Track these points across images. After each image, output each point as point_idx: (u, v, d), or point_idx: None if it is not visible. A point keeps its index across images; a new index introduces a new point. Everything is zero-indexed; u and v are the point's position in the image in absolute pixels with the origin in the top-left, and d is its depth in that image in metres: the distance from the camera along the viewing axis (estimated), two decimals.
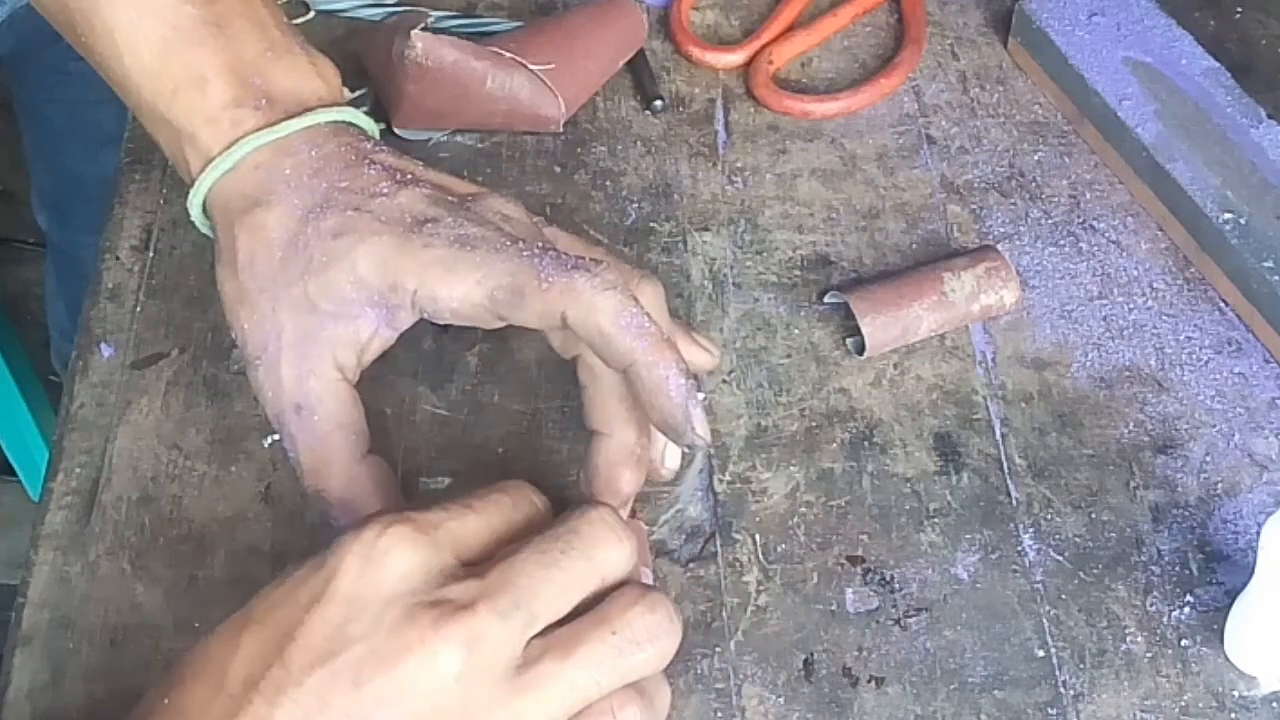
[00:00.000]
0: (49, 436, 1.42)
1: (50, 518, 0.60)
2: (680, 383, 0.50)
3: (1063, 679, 0.57)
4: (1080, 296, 0.69)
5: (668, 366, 0.50)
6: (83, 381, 0.65)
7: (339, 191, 0.54)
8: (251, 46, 0.57)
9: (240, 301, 0.55)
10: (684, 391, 0.50)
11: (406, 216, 0.53)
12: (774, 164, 0.74)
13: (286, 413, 0.55)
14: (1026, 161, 0.74)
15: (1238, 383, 0.66)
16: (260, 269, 0.54)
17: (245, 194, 0.55)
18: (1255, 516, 0.61)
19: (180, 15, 0.56)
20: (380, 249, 0.53)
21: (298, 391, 0.55)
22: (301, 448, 0.56)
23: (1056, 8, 0.76)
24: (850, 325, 0.66)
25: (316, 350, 0.55)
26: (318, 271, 0.53)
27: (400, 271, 0.52)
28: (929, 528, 0.61)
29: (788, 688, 0.56)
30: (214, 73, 0.56)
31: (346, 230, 0.53)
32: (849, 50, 0.80)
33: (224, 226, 0.56)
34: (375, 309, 0.54)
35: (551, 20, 0.77)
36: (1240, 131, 0.70)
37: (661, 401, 0.50)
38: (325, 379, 0.55)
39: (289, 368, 0.55)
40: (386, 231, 0.53)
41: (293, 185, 0.55)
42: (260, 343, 0.55)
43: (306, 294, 0.54)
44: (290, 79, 0.57)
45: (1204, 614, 0.59)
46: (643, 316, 0.50)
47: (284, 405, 0.55)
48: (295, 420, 0.55)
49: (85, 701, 0.55)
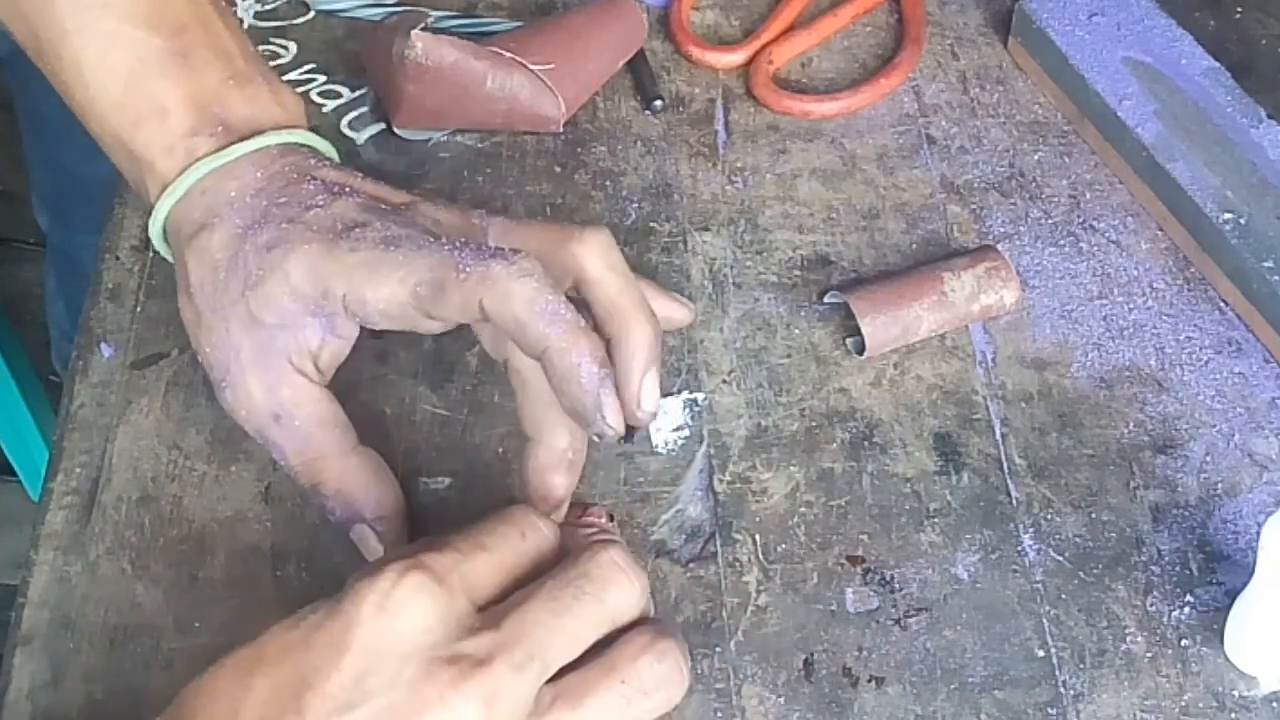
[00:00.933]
0: (49, 436, 1.42)
1: (50, 518, 0.60)
2: (592, 370, 0.50)
3: (1063, 679, 0.57)
4: (1080, 296, 0.69)
5: (580, 354, 0.50)
6: (83, 381, 0.65)
7: (276, 207, 0.55)
8: (214, 76, 0.58)
9: (198, 326, 0.56)
10: (595, 380, 0.50)
11: (337, 224, 0.54)
12: (774, 164, 0.74)
13: (266, 425, 0.56)
14: (1026, 161, 0.74)
15: (1238, 383, 0.66)
16: (208, 291, 0.55)
17: (193, 219, 0.56)
18: (1255, 516, 0.61)
19: (147, 48, 0.57)
20: (309, 256, 0.53)
21: (272, 402, 0.56)
22: (290, 453, 0.56)
23: (1056, 8, 0.76)
24: (850, 325, 0.66)
25: (276, 361, 0.55)
26: (255, 285, 0.54)
27: (329, 277, 0.53)
28: (929, 528, 0.61)
29: (788, 688, 0.56)
30: (175, 103, 0.57)
31: (279, 242, 0.54)
32: (849, 50, 0.80)
33: (177, 253, 0.57)
34: (315, 318, 0.55)
35: (551, 20, 0.78)
36: (1240, 131, 0.70)
37: (573, 389, 0.50)
38: (295, 385, 0.56)
39: (256, 382, 0.55)
40: (316, 239, 0.53)
41: (235, 206, 0.56)
42: (223, 364, 0.56)
43: (249, 309, 0.54)
44: (249, 107, 0.58)
45: (1204, 614, 0.59)
46: (558, 304, 0.50)
47: (262, 419, 0.56)
48: (277, 429, 0.56)
49: (85, 701, 0.55)
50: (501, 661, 0.44)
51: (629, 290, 0.53)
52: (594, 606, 0.47)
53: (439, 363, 0.66)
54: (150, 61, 0.57)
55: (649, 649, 0.48)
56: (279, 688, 0.44)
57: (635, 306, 0.53)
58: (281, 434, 0.56)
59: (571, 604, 0.47)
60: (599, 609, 0.47)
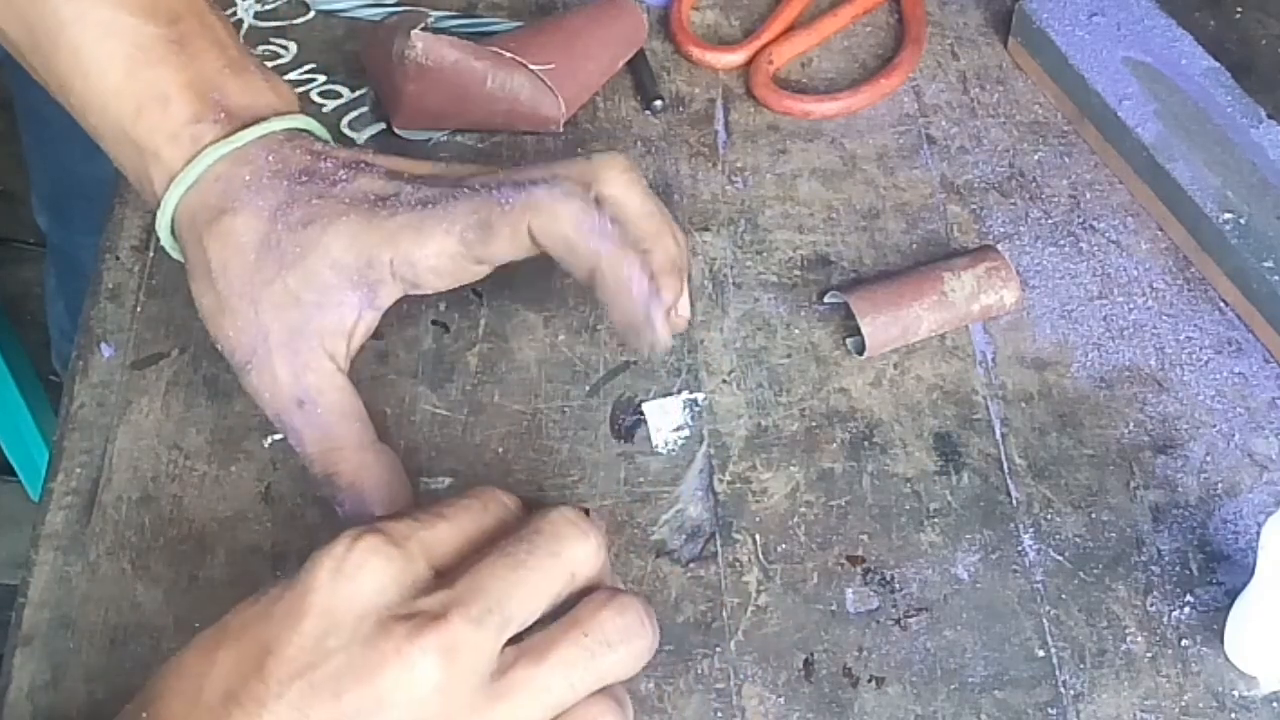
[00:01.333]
0: (49, 436, 1.42)
1: (50, 518, 0.60)
2: (643, 283, 0.53)
3: (1063, 679, 0.57)
4: (1080, 296, 0.69)
5: (631, 267, 0.53)
6: (83, 381, 0.65)
7: (300, 186, 0.56)
8: (210, 64, 0.59)
9: (220, 311, 0.56)
10: (646, 292, 0.53)
11: (370, 195, 0.56)
12: (774, 164, 0.74)
13: (289, 410, 0.56)
14: (1026, 161, 0.74)
15: (1238, 383, 0.66)
16: (235, 274, 0.55)
17: (210, 205, 0.56)
18: (1255, 516, 0.61)
19: (143, 35, 0.57)
20: (350, 228, 0.54)
21: (297, 387, 0.55)
22: (309, 440, 0.56)
23: (1056, 8, 0.76)
24: (850, 325, 0.66)
25: (307, 344, 0.55)
26: (294, 264, 0.55)
27: (373, 246, 0.54)
28: (929, 528, 0.61)
29: (788, 688, 0.56)
30: (176, 90, 0.57)
31: (314, 218, 0.55)
32: (849, 50, 0.80)
33: (193, 241, 0.57)
34: (356, 290, 0.55)
35: (551, 20, 0.78)
36: (1240, 131, 0.70)
37: (625, 301, 0.53)
38: (321, 371, 0.56)
39: (283, 365, 0.55)
40: (352, 211, 0.55)
41: (254, 189, 0.56)
42: (249, 347, 0.55)
43: (287, 289, 0.55)
44: (247, 94, 0.59)
45: (1204, 614, 0.59)
46: (605, 221, 0.53)
47: (285, 403, 0.56)
48: (299, 415, 0.56)
49: (85, 701, 0.55)
50: (458, 615, 0.44)
51: (653, 205, 0.56)
52: (549, 560, 0.47)
53: (439, 363, 0.66)
54: (148, 49, 0.57)
55: (609, 603, 0.47)
56: (242, 658, 0.44)
57: (662, 220, 0.56)
58: (304, 420, 0.56)
59: (526, 558, 0.47)
60: (554, 562, 0.47)
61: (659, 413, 0.64)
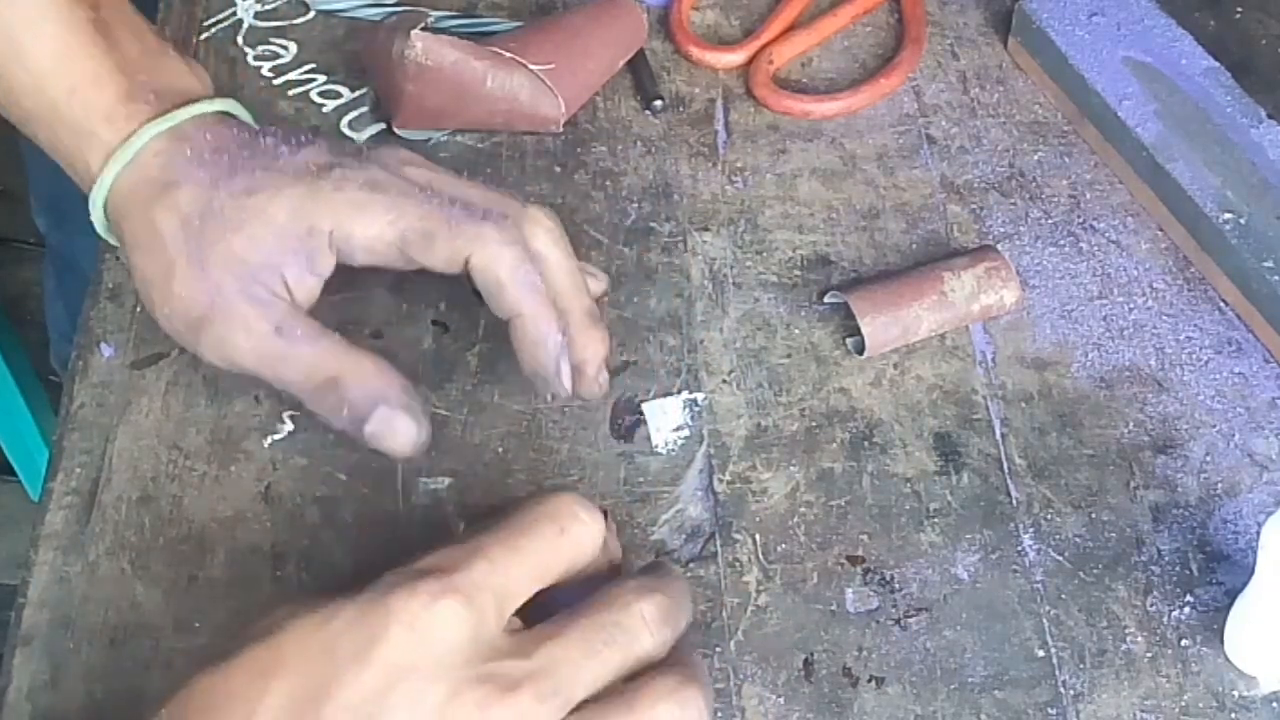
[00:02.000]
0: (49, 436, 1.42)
1: (50, 518, 0.60)
2: (557, 339, 0.57)
3: (1063, 679, 0.57)
4: (1080, 296, 0.69)
5: (549, 324, 0.57)
6: (83, 381, 0.65)
7: (242, 160, 0.58)
8: (134, 48, 0.61)
9: (168, 275, 0.57)
10: (558, 348, 0.57)
11: (312, 167, 0.58)
12: (774, 164, 0.74)
13: (266, 342, 0.57)
14: (1026, 161, 0.74)
15: (1238, 383, 0.66)
16: (180, 240, 0.57)
17: (151, 179, 0.58)
18: (1255, 516, 0.61)
19: (75, 18, 0.59)
20: (293, 198, 0.57)
21: (269, 316, 0.57)
22: (296, 358, 0.57)
23: (1056, 8, 0.76)
24: (850, 325, 0.66)
25: (260, 291, 0.57)
26: (238, 228, 0.56)
27: (315, 215, 0.56)
28: (929, 528, 0.61)
29: (788, 688, 0.56)
30: (107, 71, 0.59)
31: (258, 188, 0.57)
32: (849, 50, 0.80)
33: (135, 213, 0.58)
34: (296, 255, 0.57)
35: (551, 20, 0.77)
36: (1240, 131, 0.70)
37: (540, 354, 0.57)
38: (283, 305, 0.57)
39: (246, 305, 0.56)
40: (297, 183, 0.57)
41: (196, 164, 0.58)
42: (204, 302, 0.57)
43: (232, 251, 0.56)
44: (171, 77, 0.61)
45: (1204, 614, 0.59)
46: (535, 275, 0.57)
47: (261, 338, 0.57)
48: (280, 342, 0.57)
49: (85, 701, 0.55)
50: (528, 691, 0.44)
51: (573, 264, 0.59)
52: (620, 654, 0.47)
53: (439, 363, 0.66)
54: (79, 31, 0.59)
55: (672, 695, 0.46)
56: (297, 694, 0.43)
57: (580, 279, 0.59)
58: (286, 345, 0.56)
59: (602, 649, 0.46)
60: (624, 657, 0.47)
61: (659, 413, 0.64)
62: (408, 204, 0.57)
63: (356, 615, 0.44)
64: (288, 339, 0.57)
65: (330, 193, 0.57)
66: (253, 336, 0.57)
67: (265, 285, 0.57)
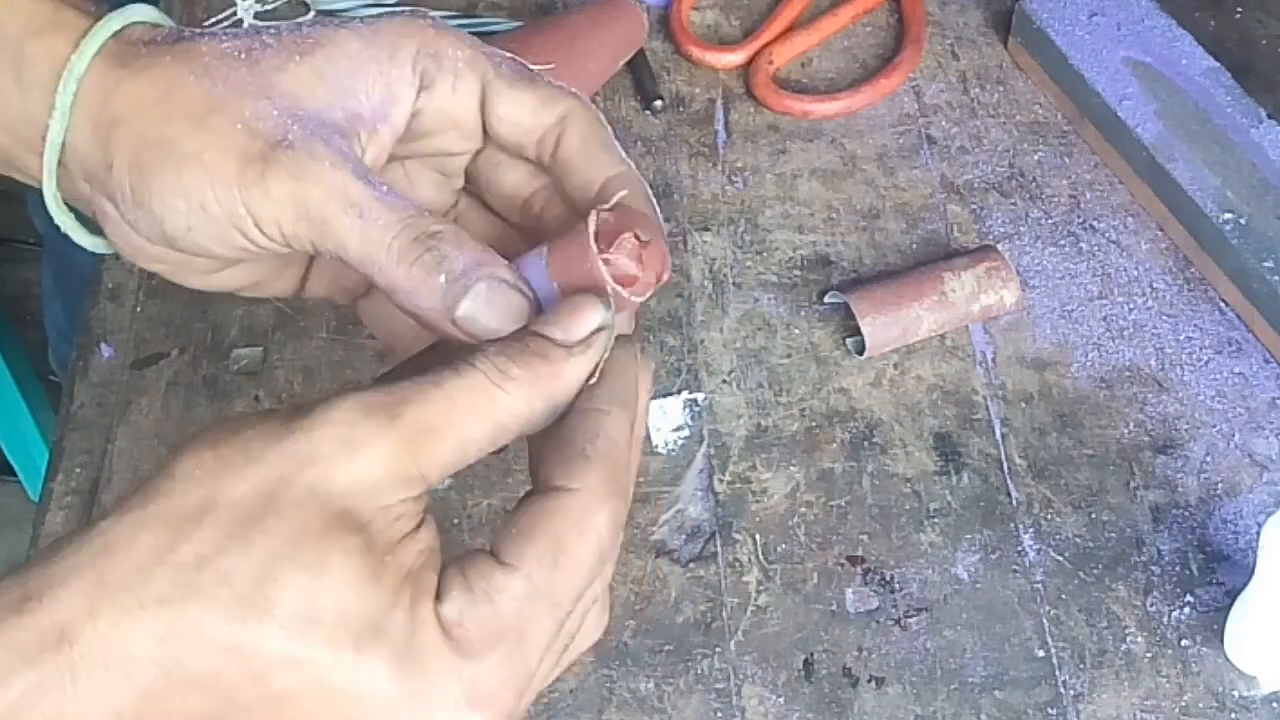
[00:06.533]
0: (49, 436, 1.42)
1: (50, 518, 0.60)
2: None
3: (1063, 679, 0.57)
4: (1080, 296, 0.69)
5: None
6: (83, 381, 0.65)
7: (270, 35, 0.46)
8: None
9: (205, 111, 0.44)
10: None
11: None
12: (774, 164, 0.74)
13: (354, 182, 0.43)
14: (1026, 161, 0.74)
15: (1238, 383, 0.66)
16: (222, 73, 0.44)
17: (151, 38, 0.46)
18: (1255, 516, 0.61)
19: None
20: (366, 26, 0.46)
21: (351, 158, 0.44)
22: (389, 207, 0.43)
23: (1056, 8, 0.76)
24: (850, 325, 0.66)
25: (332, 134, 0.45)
26: (309, 51, 0.45)
27: (398, 35, 0.46)
28: (929, 528, 0.61)
29: (788, 688, 0.56)
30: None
31: (315, 27, 0.46)
32: (849, 50, 0.80)
33: (138, 70, 0.45)
34: (371, 93, 0.45)
35: (551, 20, 0.77)
36: (1240, 131, 0.70)
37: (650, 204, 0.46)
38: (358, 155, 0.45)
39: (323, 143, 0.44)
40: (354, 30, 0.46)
41: (205, 35, 0.46)
42: (274, 129, 0.44)
43: (299, 77, 0.45)
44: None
45: (1204, 614, 0.59)
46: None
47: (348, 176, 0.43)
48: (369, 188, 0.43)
49: None
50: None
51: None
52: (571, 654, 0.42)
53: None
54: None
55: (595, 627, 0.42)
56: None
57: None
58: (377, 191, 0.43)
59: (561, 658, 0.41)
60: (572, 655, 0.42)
61: (659, 413, 0.64)
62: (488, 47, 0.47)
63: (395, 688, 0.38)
64: (376, 185, 0.43)
65: (407, 19, 0.46)
66: (338, 174, 0.43)
67: (336, 129, 0.44)
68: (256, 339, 0.66)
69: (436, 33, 0.47)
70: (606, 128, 0.47)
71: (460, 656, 0.37)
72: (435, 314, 0.43)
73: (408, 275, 0.43)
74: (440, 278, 0.43)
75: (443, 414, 0.39)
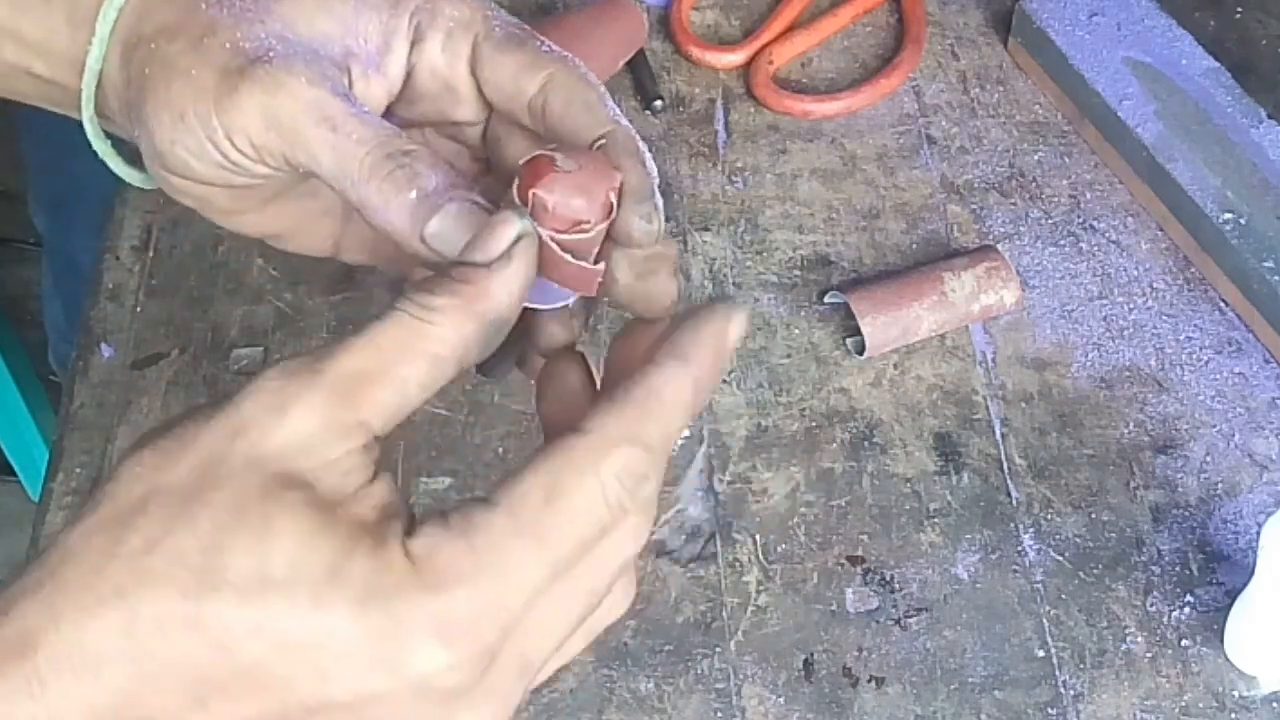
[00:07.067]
0: (49, 436, 1.42)
1: (50, 518, 0.60)
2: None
3: (1063, 679, 0.57)
4: (1080, 296, 0.69)
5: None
6: (83, 381, 0.65)
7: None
8: None
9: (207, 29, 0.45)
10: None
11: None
12: (774, 164, 0.74)
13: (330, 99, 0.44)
14: (1026, 161, 0.74)
15: (1238, 383, 0.66)
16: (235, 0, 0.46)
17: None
18: (1255, 516, 0.61)
19: None
20: None
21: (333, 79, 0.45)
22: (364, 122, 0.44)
23: (1056, 8, 0.76)
24: (850, 325, 0.66)
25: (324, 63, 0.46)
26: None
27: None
28: (929, 528, 0.61)
29: (788, 688, 0.56)
30: None
31: None
32: (849, 50, 0.80)
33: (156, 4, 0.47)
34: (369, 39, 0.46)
35: (551, 20, 0.77)
36: (1240, 131, 0.70)
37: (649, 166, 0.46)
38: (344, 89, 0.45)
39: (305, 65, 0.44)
40: None
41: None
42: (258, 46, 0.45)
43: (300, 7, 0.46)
44: None
45: (1204, 614, 0.59)
46: None
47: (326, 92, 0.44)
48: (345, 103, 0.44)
49: None
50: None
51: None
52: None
53: None
54: None
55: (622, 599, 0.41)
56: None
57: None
58: (353, 107, 0.44)
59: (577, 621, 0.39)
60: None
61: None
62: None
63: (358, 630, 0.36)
64: (354, 104, 0.44)
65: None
66: (314, 90, 0.43)
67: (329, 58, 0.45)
68: (256, 339, 0.66)
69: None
70: (595, 87, 0.45)
71: (427, 590, 0.36)
72: (404, 231, 0.43)
73: (379, 189, 0.43)
74: (412, 194, 0.43)
75: (370, 358, 0.38)
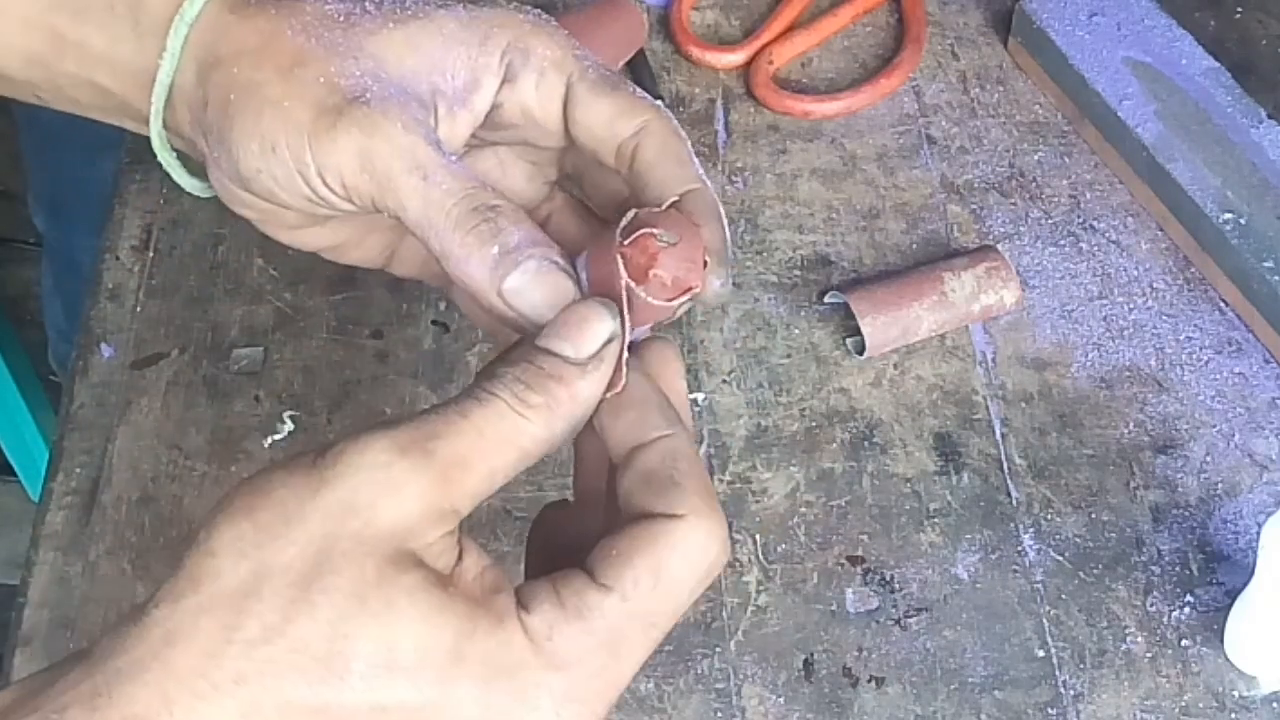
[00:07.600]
0: (49, 436, 1.42)
1: (50, 518, 0.60)
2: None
3: (1063, 679, 0.57)
4: (1080, 296, 0.69)
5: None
6: (83, 381, 0.65)
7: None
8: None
9: (296, 60, 0.46)
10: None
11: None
12: (774, 164, 0.74)
13: (423, 146, 0.45)
14: (1026, 161, 0.74)
15: (1238, 383, 0.66)
16: (317, 30, 0.47)
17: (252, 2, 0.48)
18: (1255, 516, 0.61)
19: None
20: (464, 11, 0.48)
21: (425, 124, 0.46)
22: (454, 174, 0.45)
23: (1056, 8, 0.76)
24: (850, 325, 0.66)
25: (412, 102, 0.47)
26: (403, 21, 0.47)
27: (492, 24, 0.47)
28: (929, 528, 0.61)
29: (788, 688, 0.56)
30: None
31: (419, 0, 0.48)
32: (849, 50, 0.80)
33: (241, 20, 0.47)
34: (456, 75, 0.47)
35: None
36: (1240, 131, 0.70)
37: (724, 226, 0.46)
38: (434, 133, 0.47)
39: (399, 106, 0.45)
40: (460, 5, 0.48)
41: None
42: (354, 85, 0.45)
43: (391, 43, 0.47)
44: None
45: (1204, 614, 0.59)
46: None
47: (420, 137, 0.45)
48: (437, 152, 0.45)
49: None
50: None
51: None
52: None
53: (439, 363, 0.66)
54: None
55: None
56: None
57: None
58: (444, 157, 0.45)
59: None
60: None
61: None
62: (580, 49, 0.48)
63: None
64: (444, 153, 0.45)
65: (507, 11, 0.48)
66: (409, 136, 0.44)
67: (416, 97, 0.46)
68: (257, 339, 0.66)
69: (532, 28, 0.48)
70: (685, 141, 0.47)
71: (549, 669, 0.37)
72: (482, 284, 0.44)
73: (462, 242, 0.44)
74: (494, 249, 0.43)
75: (473, 447, 0.39)
